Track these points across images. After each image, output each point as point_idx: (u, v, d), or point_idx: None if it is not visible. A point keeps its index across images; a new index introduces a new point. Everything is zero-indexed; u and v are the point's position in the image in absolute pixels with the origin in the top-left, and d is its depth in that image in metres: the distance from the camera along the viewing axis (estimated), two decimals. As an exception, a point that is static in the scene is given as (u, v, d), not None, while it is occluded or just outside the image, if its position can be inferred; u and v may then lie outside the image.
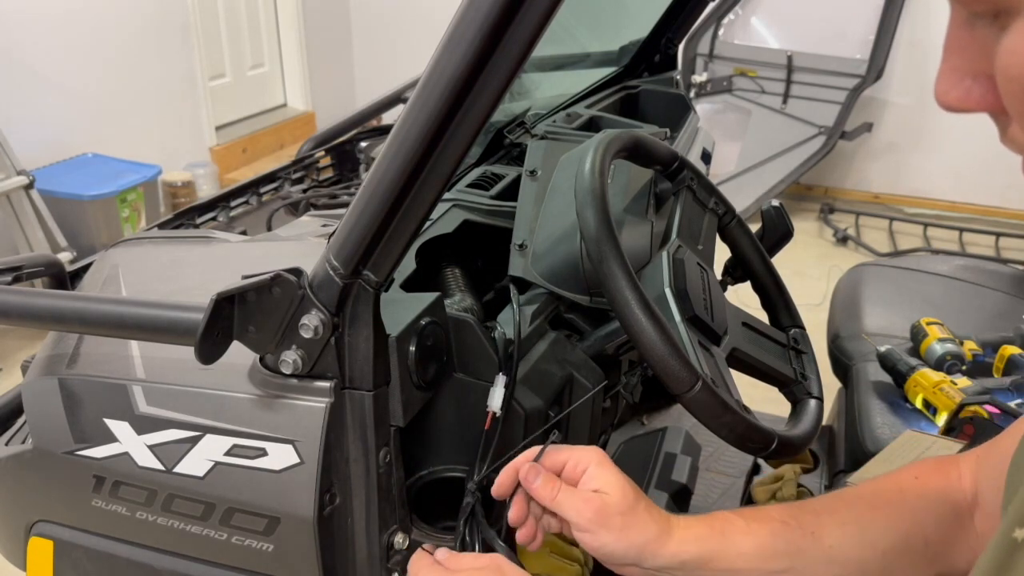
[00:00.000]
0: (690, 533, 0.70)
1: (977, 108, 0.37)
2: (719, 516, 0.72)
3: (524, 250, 1.00)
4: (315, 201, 1.51)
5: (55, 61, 3.22)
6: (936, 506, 0.70)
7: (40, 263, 1.08)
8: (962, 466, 0.71)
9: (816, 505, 0.73)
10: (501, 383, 0.81)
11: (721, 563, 0.69)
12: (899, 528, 0.69)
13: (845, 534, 0.70)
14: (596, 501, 0.69)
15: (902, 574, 0.69)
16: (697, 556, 0.69)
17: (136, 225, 3.25)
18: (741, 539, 0.70)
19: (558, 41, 1.64)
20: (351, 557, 0.79)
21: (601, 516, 0.68)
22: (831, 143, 3.90)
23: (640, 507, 0.70)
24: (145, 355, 0.84)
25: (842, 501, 0.73)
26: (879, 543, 0.69)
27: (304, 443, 0.74)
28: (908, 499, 0.71)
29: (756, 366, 0.98)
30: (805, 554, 0.70)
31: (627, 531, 0.68)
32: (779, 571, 0.70)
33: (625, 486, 0.70)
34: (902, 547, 0.69)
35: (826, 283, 2.97)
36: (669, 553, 0.69)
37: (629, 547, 0.68)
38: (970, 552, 0.69)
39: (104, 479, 0.83)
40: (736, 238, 1.12)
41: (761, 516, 0.71)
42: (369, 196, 0.66)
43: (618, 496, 0.69)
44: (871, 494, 0.73)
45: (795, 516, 0.71)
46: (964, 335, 1.68)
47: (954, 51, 0.37)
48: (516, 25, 0.56)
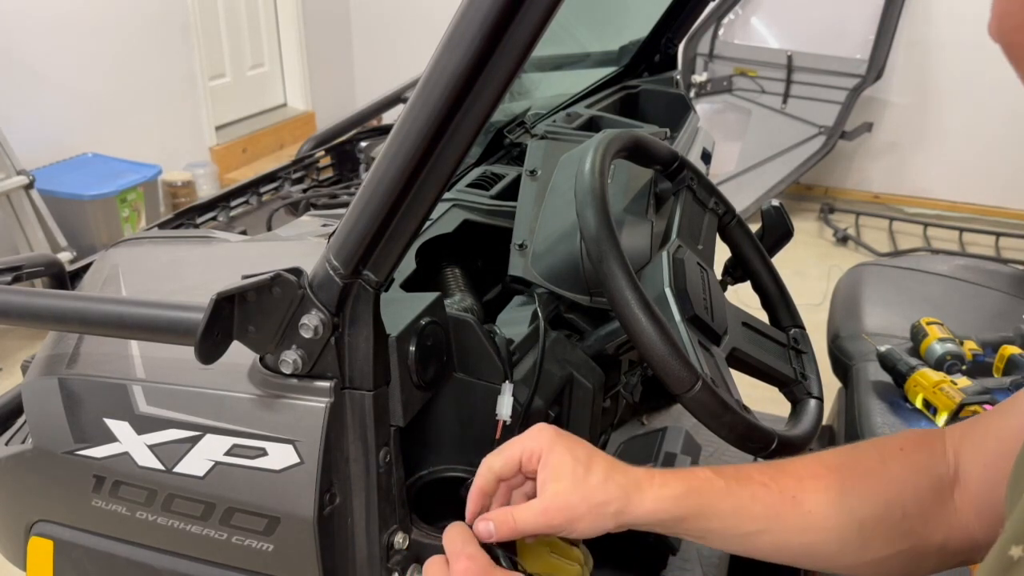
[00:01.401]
0: (667, 491, 0.69)
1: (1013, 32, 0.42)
2: (699, 475, 0.71)
3: (524, 250, 1.00)
4: (315, 201, 1.51)
5: (55, 61, 3.22)
6: (917, 479, 0.69)
7: (40, 263, 1.08)
8: (947, 440, 0.71)
9: (798, 469, 0.73)
10: (508, 391, 0.82)
11: (697, 522, 0.69)
12: (878, 498, 0.69)
13: (824, 501, 0.69)
14: (552, 505, 0.67)
15: (877, 544, 0.69)
16: (674, 515, 0.69)
17: (136, 225, 3.25)
18: (720, 500, 0.69)
19: (558, 41, 1.64)
20: (351, 557, 0.79)
21: (566, 515, 0.67)
22: (831, 143, 3.90)
23: (596, 479, 0.68)
24: (145, 355, 0.84)
25: (824, 467, 0.72)
26: (857, 511, 0.69)
27: (304, 443, 0.74)
28: (890, 470, 0.70)
29: (756, 366, 0.98)
30: (782, 518, 0.69)
31: (596, 511, 0.68)
32: (754, 532, 0.70)
33: (576, 465, 0.68)
34: (880, 517, 0.69)
35: (826, 283, 2.97)
36: (645, 511, 0.68)
37: (605, 521, 0.68)
38: (947, 528, 0.68)
39: (104, 479, 0.83)
40: (736, 238, 1.12)
41: (742, 477, 0.71)
42: (369, 196, 0.66)
43: (570, 481, 0.68)
44: (854, 462, 0.72)
45: (776, 479, 0.71)
46: (964, 335, 1.68)
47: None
48: (516, 25, 0.56)
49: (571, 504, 0.67)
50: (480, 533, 0.69)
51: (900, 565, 0.71)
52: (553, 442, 0.70)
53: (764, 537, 0.70)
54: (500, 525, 0.68)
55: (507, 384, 0.82)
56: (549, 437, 0.70)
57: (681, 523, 0.69)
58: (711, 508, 0.69)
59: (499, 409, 0.80)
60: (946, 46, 3.86)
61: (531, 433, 0.71)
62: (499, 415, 0.80)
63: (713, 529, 0.70)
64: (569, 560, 0.97)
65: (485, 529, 0.69)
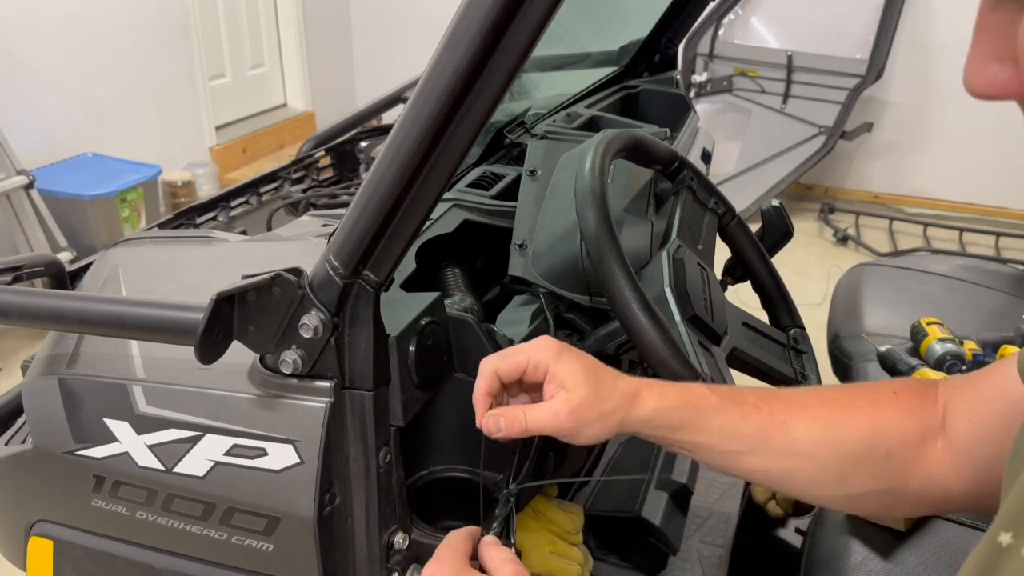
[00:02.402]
0: (664, 402, 0.70)
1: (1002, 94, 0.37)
2: (696, 390, 0.72)
3: (524, 250, 1.00)
4: (315, 201, 1.51)
5: (55, 61, 3.22)
6: (906, 423, 0.70)
7: (40, 263, 1.08)
8: (940, 392, 0.72)
9: (791, 397, 0.74)
10: None
11: (687, 434, 0.71)
12: (865, 436, 0.70)
13: (812, 430, 0.70)
14: (565, 407, 0.68)
15: (856, 481, 0.70)
16: (667, 423, 0.70)
17: (136, 225, 3.25)
18: (711, 416, 0.70)
19: (558, 41, 1.64)
20: (351, 557, 0.79)
21: (577, 418, 0.68)
22: (831, 143, 3.89)
23: (606, 388, 0.70)
24: (145, 355, 0.84)
25: (817, 398, 0.74)
26: (841, 446, 0.70)
27: (304, 443, 0.74)
28: (881, 411, 0.71)
29: (756, 366, 0.98)
30: (770, 441, 0.71)
31: (604, 418, 0.69)
32: (740, 452, 0.71)
33: (587, 374, 0.70)
34: (864, 455, 0.70)
35: (826, 283, 2.97)
36: (643, 418, 0.70)
37: (610, 428, 0.69)
38: (925, 476, 0.69)
39: (104, 479, 0.83)
40: (736, 238, 1.12)
41: (736, 398, 0.72)
42: (369, 196, 0.66)
43: (584, 389, 0.68)
44: (847, 398, 0.73)
45: (768, 403, 0.72)
46: (964, 335, 1.68)
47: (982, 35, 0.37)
48: (516, 25, 0.56)
49: (583, 409, 0.68)
50: (490, 428, 0.69)
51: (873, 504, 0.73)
52: (559, 353, 0.71)
53: (749, 458, 0.71)
54: (511, 421, 0.69)
55: None
56: (555, 349, 0.71)
57: (674, 433, 0.71)
58: (703, 423, 0.70)
59: None
60: (946, 46, 3.86)
61: (536, 345, 0.72)
62: None
63: (702, 444, 0.71)
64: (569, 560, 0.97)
65: (495, 424, 0.69)
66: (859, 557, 1.22)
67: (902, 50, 3.92)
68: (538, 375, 0.71)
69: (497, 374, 0.71)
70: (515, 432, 0.69)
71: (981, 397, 0.68)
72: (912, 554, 1.20)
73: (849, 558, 1.22)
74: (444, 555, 0.68)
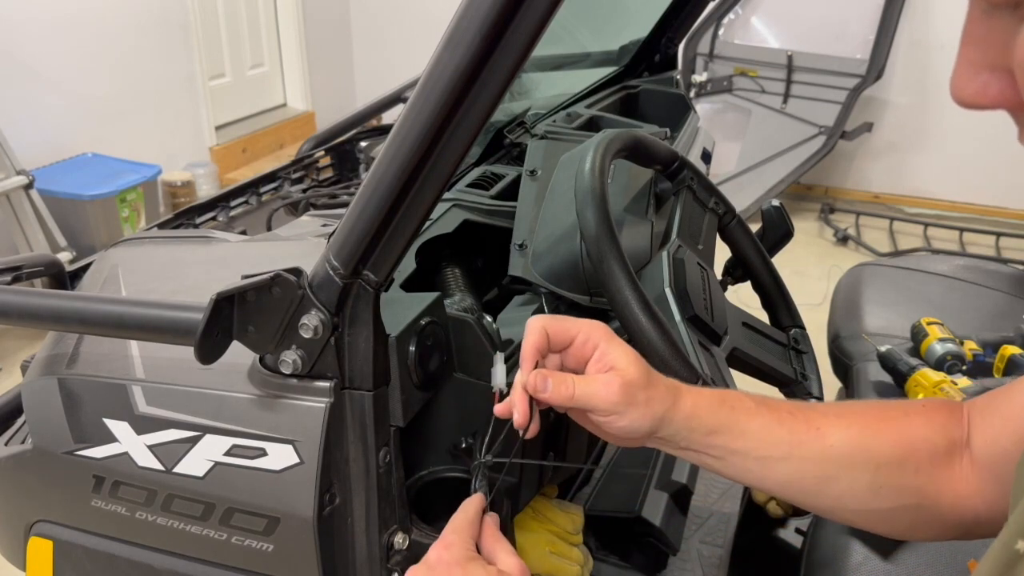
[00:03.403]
0: (702, 400, 0.69)
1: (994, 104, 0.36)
2: (730, 393, 0.71)
3: (524, 250, 1.00)
4: (315, 201, 1.51)
5: (55, 61, 3.22)
6: (935, 437, 0.69)
7: (40, 263, 1.08)
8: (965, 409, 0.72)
9: (823, 407, 0.73)
10: (500, 360, 0.80)
11: (724, 438, 0.69)
12: (898, 446, 0.69)
13: (847, 436, 0.69)
14: (617, 382, 0.66)
15: (888, 493, 0.69)
16: (705, 424, 0.69)
17: (136, 225, 3.25)
18: (748, 418, 0.69)
19: (558, 41, 1.64)
20: (351, 557, 0.79)
21: (627, 395, 0.66)
22: (831, 143, 3.90)
23: (655, 377, 0.69)
24: (145, 355, 0.84)
25: (849, 409, 0.73)
26: (876, 455, 0.69)
27: (304, 443, 0.74)
28: (912, 422, 0.70)
29: (756, 366, 0.98)
30: (805, 447, 0.69)
31: (651, 404, 0.67)
32: (776, 458, 0.70)
33: (638, 358, 0.69)
34: (896, 466, 0.69)
35: (826, 283, 2.97)
36: (684, 414, 0.68)
37: (653, 419, 0.68)
38: (954, 494, 0.68)
39: (104, 479, 0.83)
40: (736, 238, 1.12)
41: (770, 403, 0.71)
42: (369, 196, 0.66)
43: (635, 370, 0.67)
44: (878, 409, 0.73)
45: (801, 410, 0.71)
46: (964, 335, 1.68)
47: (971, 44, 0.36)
48: (516, 25, 0.56)
49: (634, 388, 0.67)
50: (537, 385, 0.67)
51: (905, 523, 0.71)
52: (610, 336, 0.70)
53: (784, 464, 0.70)
54: (558, 383, 0.67)
55: (499, 355, 0.81)
56: (606, 331, 0.70)
57: (710, 436, 0.69)
58: (739, 425, 0.69)
59: (493, 379, 0.79)
60: (946, 46, 3.85)
61: (589, 322, 0.70)
62: (494, 385, 0.79)
63: (738, 448, 0.69)
64: (569, 560, 0.97)
65: (542, 383, 0.67)
66: (859, 557, 1.22)
67: (902, 50, 3.92)
68: (586, 349, 0.69)
69: (546, 332, 0.69)
70: (560, 397, 0.67)
71: (1001, 415, 0.67)
72: (912, 554, 1.20)
73: (849, 558, 1.22)
74: (451, 539, 0.67)
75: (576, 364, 0.71)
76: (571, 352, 0.71)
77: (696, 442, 0.70)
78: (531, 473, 0.88)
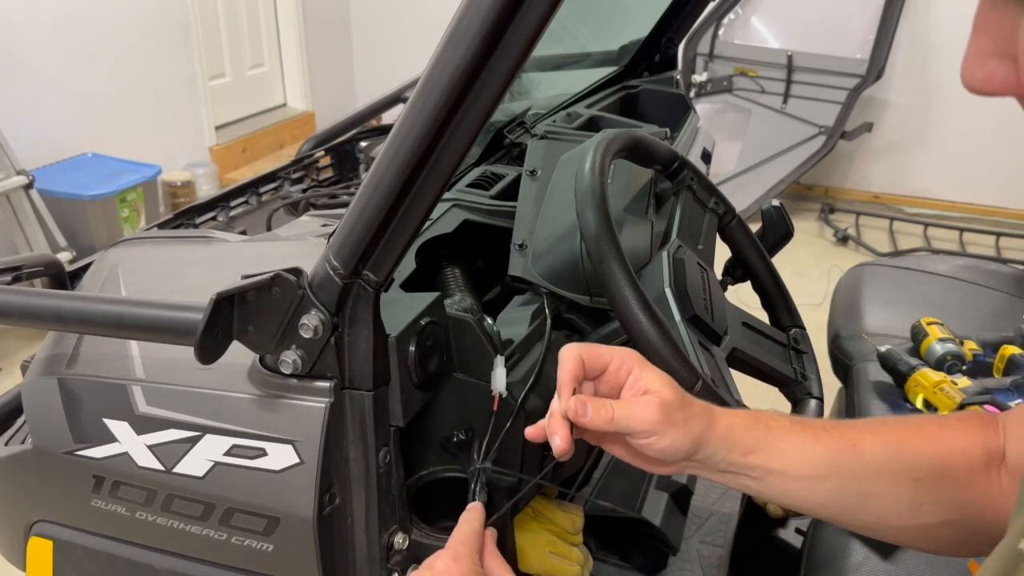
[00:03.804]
0: (737, 420, 0.69)
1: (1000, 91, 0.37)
2: (764, 413, 0.71)
3: (524, 250, 1.00)
4: (315, 201, 1.51)
5: (55, 61, 3.22)
6: (972, 449, 0.69)
7: (40, 263, 1.08)
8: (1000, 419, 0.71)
9: (858, 424, 0.73)
10: (501, 363, 0.81)
11: (761, 457, 0.69)
12: (935, 461, 0.68)
13: (884, 452, 0.69)
14: (655, 402, 0.67)
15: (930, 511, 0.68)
16: (741, 443, 0.68)
17: (136, 225, 3.25)
18: (783, 436, 0.69)
19: (558, 41, 1.64)
20: (351, 557, 0.79)
21: (665, 415, 0.66)
22: (831, 143, 3.90)
23: (689, 398, 0.69)
24: (145, 355, 0.84)
25: (883, 424, 0.73)
26: (913, 470, 0.68)
27: (304, 443, 0.74)
28: (948, 436, 0.70)
29: (756, 366, 0.98)
30: (843, 464, 0.69)
31: (688, 423, 0.67)
32: (815, 477, 0.69)
33: (671, 381, 0.69)
34: (934, 481, 0.68)
35: (826, 283, 2.97)
36: (719, 437, 0.68)
37: (692, 439, 0.67)
38: (994, 507, 0.68)
39: (104, 479, 0.83)
40: (736, 238, 1.12)
41: (804, 422, 0.71)
42: (369, 196, 0.66)
43: (671, 392, 0.68)
44: (914, 423, 0.72)
45: (836, 427, 0.71)
46: (964, 335, 1.68)
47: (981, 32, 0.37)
48: (516, 25, 0.56)
49: (672, 408, 0.67)
50: (577, 411, 0.67)
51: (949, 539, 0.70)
52: (643, 362, 0.71)
53: (824, 484, 0.69)
54: (598, 408, 0.67)
55: (499, 358, 0.81)
56: (638, 357, 0.71)
57: (747, 456, 0.69)
58: (775, 444, 0.69)
59: (493, 383, 0.80)
60: (946, 46, 3.86)
61: (621, 349, 0.71)
62: (494, 389, 0.79)
63: (776, 468, 0.69)
64: (569, 560, 0.97)
65: (582, 408, 0.67)
66: (859, 557, 1.22)
67: (902, 50, 3.92)
68: (620, 375, 0.70)
69: (582, 359, 0.70)
70: (600, 421, 0.67)
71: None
72: (912, 554, 1.20)
73: (849, 558, 1.22)
74: (460, 551, 0.67)
75: (610, 390, 0.71)
76: (605, 379, 0.71)
77: (734, 463, 0.69)
78: (531, 473, 0.88)
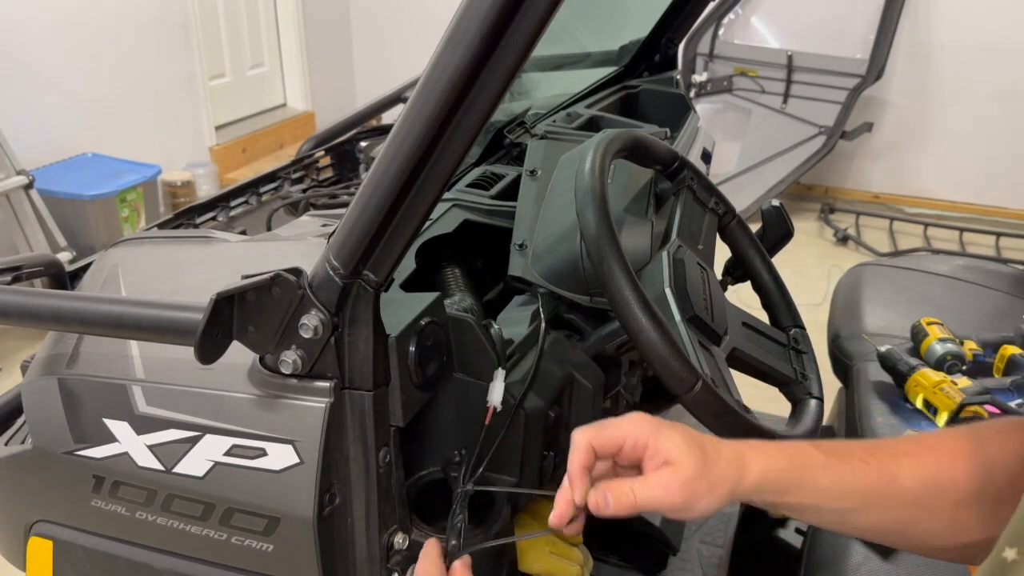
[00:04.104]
0: (771, 464, 0.68)
1: None
2: (801, 448, 0.70)
3: (524, 250, 1.00)
4: (315, 201, 1.51)
5: (55, 61, 3.21)
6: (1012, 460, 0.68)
7: (40, 263, 1.08)
8: None
9: (895, 447, 0.72)
10: (500, 377, 0.81)
11: (796, 496, 0.68)
12: (975, 479, 0.68)
13: (921, 478, 0.68)
14: (675, 481, 0.65)
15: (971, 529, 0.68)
16: (776, 486, 0.68)
17: (136, 225, 3.25)
18: (820, 474, 0.68)
19: (558, 41, 1.64)
20: (351, 557, 0.79)
21: (688, 492, 0.66)
22: (831, 143, 3.90)
23: (711, 456, 0.67)
24: (145, 355, 0.84)
25: (921, 446, 0.72)
26: (952, 492, 0.68)
27: (304, 443, 0.74)
28: (986, 450, 0.69)
29: (756, 366, 0.98)
30: (880, 495, 0.69)
31: (714, 489, 0.66)
32: (852, 509, 0.69)
33: (692, 445, 0.67)
34: (974, 499, 0.67)
35: (826, 283, 2.97)
36: (753, 485, 0.68)
37: (722, 499, 0.67)
38: None
39: (104, 479, 0.83)
40: (736, 238, 1.12)
41: (841, 452, 0.70)
42: (369, 196, 0.66)
43: (691, 461, 0.66)
44: (951, 441, 0.71)
45: (874, 455, 0.70)
46: (964, 335, 1.68)
47: None
48: (516, 25, 0.56)
49: (693, 482, 0.66)
50: (599, 504, 0.67)
51: None
52: (658, 429, 0.68)
53: (862, 515, 0.69)
54: (619, 497, 0.66)
55: (499, 371, 0.81)
56: (652, 424, 0.69)
57: (783, 496, 0.68)
58: (811, 482, 0.68)
59: (490, 396, 0.80)
60: (946, 46, 3.86)
61: (633, 421, 0.69)
62: (490, 401, 0.80)
63: (812, 505, 0.69)
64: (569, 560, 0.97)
65: (603, 500, 0.66)
66: (859, 557, 1.22)
67: (902, 50, 3.92)
68: (637, 452, 0.68)
69: (592, 447, 0.68)
70: (623, 509, 0.66)
71: None
72: (912, 555, 1.20)
73: (849, 558, 1.22)
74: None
75: (630, 464, 0.70)
76: (623, 458, 0.70)
77: (770, 503, 0.69)
78: (531, 473, 0.88)
